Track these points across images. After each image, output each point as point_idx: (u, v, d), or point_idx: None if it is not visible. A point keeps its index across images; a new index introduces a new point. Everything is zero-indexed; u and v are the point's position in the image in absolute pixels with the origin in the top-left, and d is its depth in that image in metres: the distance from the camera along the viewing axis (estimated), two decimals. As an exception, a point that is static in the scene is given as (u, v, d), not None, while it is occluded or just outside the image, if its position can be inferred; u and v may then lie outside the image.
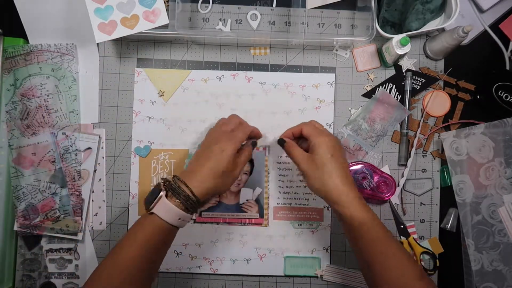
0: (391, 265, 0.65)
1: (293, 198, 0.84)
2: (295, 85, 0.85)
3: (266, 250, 0.84)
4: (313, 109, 0.85)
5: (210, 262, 0.84)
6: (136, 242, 0.66)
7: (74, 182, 0.82)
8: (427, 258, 0.84)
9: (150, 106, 0.84)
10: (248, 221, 0.84)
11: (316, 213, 0.84)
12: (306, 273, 0.83)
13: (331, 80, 0.84)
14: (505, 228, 0.78)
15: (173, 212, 0.66)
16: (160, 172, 0.84)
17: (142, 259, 0.65)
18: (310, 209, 0.84)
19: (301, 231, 0.84)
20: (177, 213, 0.66)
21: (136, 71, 0.84)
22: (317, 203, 0.84)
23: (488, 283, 0.78)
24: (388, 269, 0.64)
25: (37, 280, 0.83)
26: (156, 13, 0.76)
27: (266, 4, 0.86)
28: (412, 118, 0.85)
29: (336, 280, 0.83)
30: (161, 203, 0.66)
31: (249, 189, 0.83)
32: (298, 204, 0.84)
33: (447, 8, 0.82)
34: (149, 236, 0.66)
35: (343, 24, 0.86)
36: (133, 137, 0.84)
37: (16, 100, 0.82)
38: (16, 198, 0.81)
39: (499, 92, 0.82)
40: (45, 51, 0.83)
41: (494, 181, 0.79)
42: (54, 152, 0.82)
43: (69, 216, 0.82)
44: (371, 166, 0.83)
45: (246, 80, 0.85)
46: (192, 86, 0.85)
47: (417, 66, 0.85)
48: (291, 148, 0.74)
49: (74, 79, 0.84)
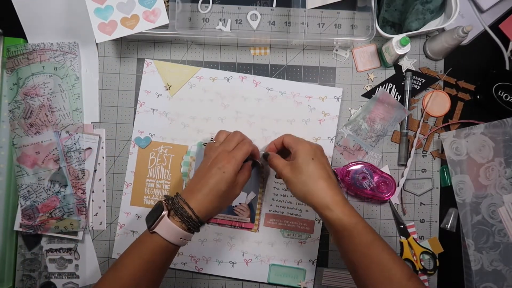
0: (377, 269, 0.65)
1: (286, 207, 0.84)
2: (302, 95, 0.84)
3: (253, 255, 0.83)
4: (317, 121, 0.84)
5: (195, 261, 0.83)
6: (138, 261, 0.66)
7: (78, 180, 0.82)
8: (427, 258, 0.84)
9: (156, 98, 0.84)
10: (239, 224, 0.83)
11: (307, 224, 0.84)
12: (289, 283, 0.83)
13: (338, 95, 0.84)
14: (505, 228, 0.78)
15: (175, 232, 0.66)
16: (158, 165, 0.84)
17: (143, 278, 0.66)
18: (302, 220, 0.84)
19: (290, 240, 0.84)
20: (179, 233, 0.66)
21: (146, 62, 0.84)
22: (309, 215, 0.84)
23: (488, 283, 0.78)
24: (374, 273, 0.64)
25: (37, 280, 0.83)
26: (156, 13, 0.76)
27: (266, 4, 0.86)
28: (412, 118, 0.85)
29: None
30: (163, 222, 0.66)
31: (243, 192, 0.83)
32: (291, 213, 0.84)
33: (447, 8, 0.82)
34: (150, 256, 0.66)
35: (343, 24, 0.86)
36: (134, 127, 0.84)
37: (19, 99, 0.82)
38: (22, 197, 0.81)
39: (499, 92, 0.82)
40: (47, 50, 0.84)
41: (494, 181, 0.79)
42: (57, 150, 0.82)
43: (73, 215, 0.82)
44: (371, 166, 0.83)
45: (254, 84, 0.85)
46: (199, 83, 0.85)
47: (417, 66, 0.85)
48: (273, 159, 0.75)
49: (77, 77, 0.84)
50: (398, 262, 0.65)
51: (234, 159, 0.70)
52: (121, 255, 0.68)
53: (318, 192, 0.68)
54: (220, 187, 0.69)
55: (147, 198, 0.84)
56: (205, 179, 0.69)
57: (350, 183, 0.82)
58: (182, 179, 0.84)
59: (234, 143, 0.74)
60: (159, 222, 0.66)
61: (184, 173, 0.84)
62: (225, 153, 0.71)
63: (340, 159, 0.85)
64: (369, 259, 0.65)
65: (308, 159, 0.70)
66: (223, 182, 0.69)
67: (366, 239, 0.66)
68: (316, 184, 0.68)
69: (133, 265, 0.66)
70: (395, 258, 0.66)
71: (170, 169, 0.84)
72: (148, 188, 0.84)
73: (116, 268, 0.67)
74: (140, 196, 0.84)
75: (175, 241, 0.67)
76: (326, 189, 0.68)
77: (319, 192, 0.68)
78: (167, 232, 0.66)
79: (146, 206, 0.84)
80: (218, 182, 0.69)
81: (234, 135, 0.75)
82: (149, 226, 0.67)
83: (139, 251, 0.67)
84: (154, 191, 0.84)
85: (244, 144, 0.74)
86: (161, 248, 0.67)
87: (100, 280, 0.68)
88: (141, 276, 0.66)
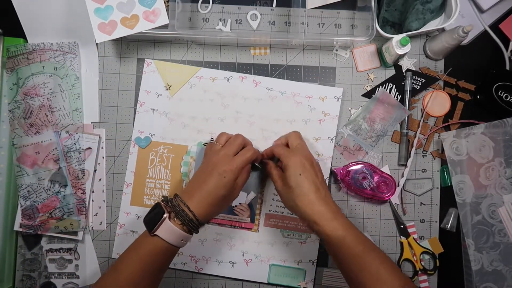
0: (370, 279, 0.65)
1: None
2: (302, 95, 0.84)
3: (252, 255, 0.83)
4: (317, 121, 0.84)
5: (195, 261, 0.83)
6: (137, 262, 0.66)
7: (78, 180, 0.82)
8: (427, 258, 0.83)
9: (156, 98, 0.84)
10: (239, 224, 0.83)
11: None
12: (289, 283, 0.83)
13: (339, 95, 0.84)
14: (505, 228, 0.78)
15: (177, 234, 0.66)
16: (158, 165, 0.84)
17: (142, 279, 0.66)
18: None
19: (290, 241, 0.83)
20: (180, 235, 0.67)
21: (146, 62, 0.85)
22: None
23: (488, 283, 0.78)
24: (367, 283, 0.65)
25: (37, 280, 0.83)
26: (156, 13, 0.76)
27: (266, 4, 0.86)
28: (412, 118, 0.85)
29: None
30: (165, 225, 0.66)
31: (243, 192, 0.83)
32: (291, 213, 0.84)
33: (447, 8, 0.82)
34: (150, 257, 0.67)
35: (343, 24, 0.86)
36: (134, 127, 0.84)
37: (19, 99, 0.82)
38: (22, 197, 0.81)
39: (499, 92, 0.82)
40: (47, 50, 0.84)
41: (494, 181, 0.79)
42: (57, 150, 0.82)
43: (73, 215, 0.82)
44: (371, 166, 0.83)
45: (254, 84, 0.85)
46: (199, 83, 0.85)
47: (417, 66, 0.85)
48: (271, 169, 0.76)
49: (77, 77, 0.84)
50: (391, 271, 0.65)
51: (236, 165, 0.71)
52: (121, 256, 0.68)
53: (305, 208, 0.69)
54: (219, 191, 0.69)
55: (147, 198, 0.84)
56: (205, 183, 0.69)
57: (350, 183, 0.82)
58: (182, 179, 0.84)
59: (236, 147, 0.74)
60: (161, 225, 0.66)
61: (184, 173, 0.84)
62: (227, 158, 0.71)
63: (340, 159, 0.84)
64: (361, 269, 0.66)
65: (296, 174, 0.70)
66: (223, 187, 0.69)
67: (356, 251, 0.66)
68: (302, 200, 0.69)
69: (132, 266, 0.66)
70: (387, 267, 0.66)
71: (170, 169, 0.84)
72: (148, 188, 0.84)
73: (115, 269, 0.67)
74: (140, 196, 0.84)
75: (176, 243, 0.67)
76: (313, 204, 0.69)
77: (306, 208, 0.69)
78: (168, 234, 0.66)
79: (146, 206, 0.84)
80: (218, 187, 0.69)
81: (235, 138, 0.75)
82: (150, 229, 0.67)
83: (138, 253, 0.67)
84: (154, 191, 0.84)
85: (247, 151, 0.74)
86: (161, 250, 0.67)
87: (99, 280, 0.68)
88: (140, 277, 0.66)
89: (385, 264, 0.66)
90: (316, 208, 0.68)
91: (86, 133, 0.84)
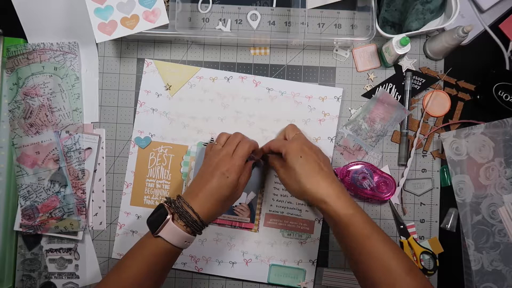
0: (376, 261, 0.64)
1: (286, 207, 0.84)
2: (302, 95, 0.84)
3: (252, 255, 0.83)
4: (317, 121, 0.84)
5: (195, 261, 0.83)
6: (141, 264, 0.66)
7: (78, 180, 0.82)
8: (427, 258, 0.84)
9: (156, 98, 0.84)
10: (239, 224, 0.83)
11: (307, 225, 0.84)
12: (289, 283, 0.83)
13: (339, 95, 0.84)
14: (505, 228, 0.78)
15: (180, 235, 0.66)
16: (158, 165, 0.84)
17: (146, 280, 0.66)
18: (302, 220, 0.84)
19: (290, 241, 0.83)
20: (184, 237, 0.67)
21: (146, 62, 0.84)
22: (309, 215, 0.84)
23: (488, 283, 0.78)
24: (373, 266, 0.64)
25: (37, 280, 0.83)
26: (156, 13, 0.76)
27: (266, 4, 0.86)
28: (412, 118, 0.85)
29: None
30: (168, 226, 0.66)
31: (243, 192, 0.82)
32: (291, 213, 0.84)
33: (447, 8, 0.82)
34: (153, 259, 0.67)
35: (343, 24, 0.86)
36: (134, 127, 0.84)
37: (19, 99, 0.82)
38: (22, 197, 0.81)
39: (499, 92, 0.82)
40: (47, 50, 0.84)
41: (494, 181, 0.79)
42: (57, 150, 0.82)
43: (73, 215, 0.82)
44: (371, 166, 0.83)
45: (254, 84, 0.85)
46: (199, 83, 0.85)
47: (417, 66, 0.85)
48: (272, 160, 0.77)
49: (77, 77, 0.84)
50: (398, 254, 0.64)
51: (237, 163, 0.71)
52: (123, 257, 0.68)
53: (311, 187, 0.68)
54: (223, 191, 0.69)
55: (147, 198, 0.84)
56: (208, 183, 0.69)
57: (350, 183, 0.82)
58: (182, 179, 0.84)
59: (236, 145, 0.74)
60: (164, 226, 0.66)
61: (184, 173, 0.84)
62: (228, 157, 0.71)
63: (340, 159, 0.84)
64: (368, 251, 0.64)
65: (296, 157, 0.70)
66: (226, 187, 0.69)
67: (364, 231, 0.65)
68: (308, 180, 0.69)
69: (136, 268, 0.66)
70: (395, 250, 0.65)
71: (170, 169, 0.84)
72: (148, 188, 0.84)
73: (118, 270, 0.67)
74: (140, 196, 0.84)
75: (179, 244, 0.67)
76: (318, 182, 0.68)
77: (312, 187, 0.68)
78: (172, 236, 0.66)
79: (146, 206, 0.84)
80: (221, 187, 0.69)
81: (234, 137, 0.76)
82: (153, 230, 0.67)
83: (142, 254, 0.67)
84: (154, 191, 0.84)
85: (243, 143, 0.74)
86: (165, 251, 0.67)
87: (102, 281, 0.68)
88: (143, 279, 0.66)
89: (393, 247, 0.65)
90: (322, 185, 0.68)
91: (86, 133, 0.84)
